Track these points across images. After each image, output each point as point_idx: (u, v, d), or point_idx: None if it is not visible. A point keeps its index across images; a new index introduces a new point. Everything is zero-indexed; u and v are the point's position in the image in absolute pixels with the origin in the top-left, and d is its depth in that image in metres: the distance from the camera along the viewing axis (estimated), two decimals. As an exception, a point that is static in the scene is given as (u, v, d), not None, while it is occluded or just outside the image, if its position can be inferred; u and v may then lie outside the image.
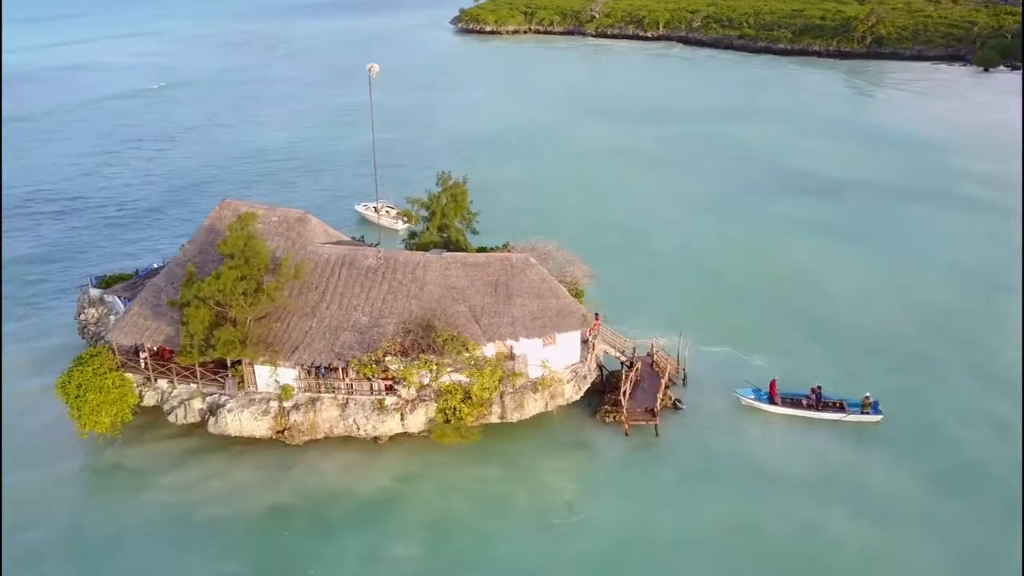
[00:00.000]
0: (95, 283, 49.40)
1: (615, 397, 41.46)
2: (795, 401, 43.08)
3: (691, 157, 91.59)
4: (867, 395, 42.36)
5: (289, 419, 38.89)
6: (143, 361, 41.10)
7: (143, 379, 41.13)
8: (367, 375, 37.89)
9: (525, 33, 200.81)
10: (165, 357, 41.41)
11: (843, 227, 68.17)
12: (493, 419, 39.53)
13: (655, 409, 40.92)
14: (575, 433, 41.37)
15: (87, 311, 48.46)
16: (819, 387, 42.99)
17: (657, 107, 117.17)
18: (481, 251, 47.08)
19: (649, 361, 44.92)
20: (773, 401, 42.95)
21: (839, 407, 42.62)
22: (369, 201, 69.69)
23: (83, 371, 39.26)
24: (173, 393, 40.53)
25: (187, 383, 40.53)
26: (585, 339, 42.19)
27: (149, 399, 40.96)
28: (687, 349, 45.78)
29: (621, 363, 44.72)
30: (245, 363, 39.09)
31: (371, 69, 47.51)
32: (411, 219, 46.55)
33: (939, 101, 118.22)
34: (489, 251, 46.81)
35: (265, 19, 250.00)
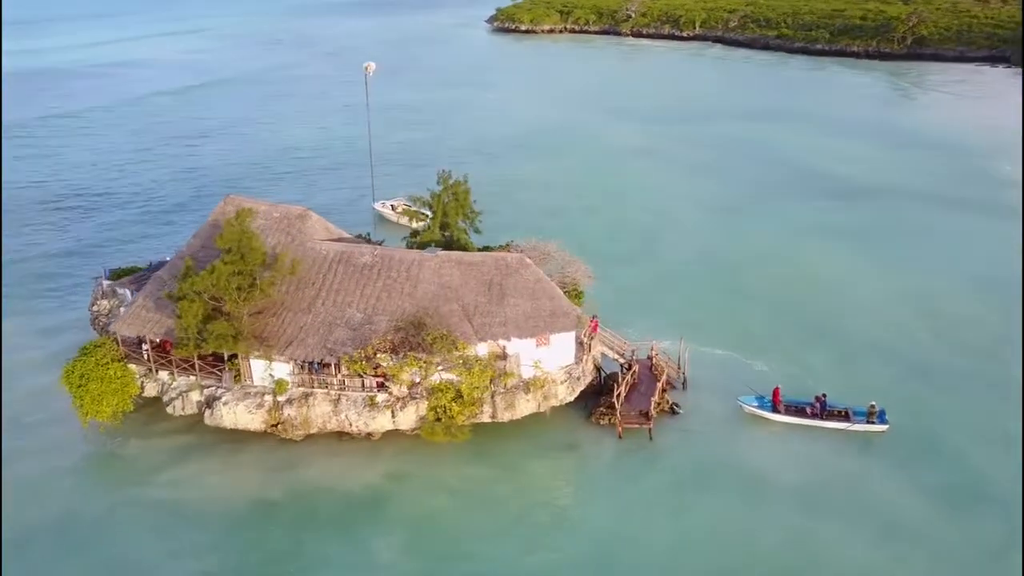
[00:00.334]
0: (108, 275, 50.50)
1: (610, 399, 41.14)
2: (799, 409, 42.22)
3: (717, 159, 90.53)
4: (872, 404, 41.38)
5: (283, 413, 39.33)
6: (145, 353, 41.94)
7: (145, 370, 41.97)
8: (357, 372, 38.14)
9: (560, 32, 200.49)
10: (167, 349, 42.14)
11: (866, 232, 66.73)
12: (484, 418, 39.51)
13: (649, 412, 40.51)
14: (568, 434, 41.15)
15: (99, 303, 49.49)
16: (824, 395, 42.07)
17: (687, 108, 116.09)
18: (485, 250, 47.13)
19: (648, 364, 44.50)
20: (776, 409, 42.21)
21: (844, 416, 41.64)
22: (387, 199, 70.19)
23: (86, 361, 40.16)
24: (173, 385, 41.27)
25: (187, 375, 41.24)
26: (581, 341, 41.92)
27: (150, 390, 41.74)
28: (686, 352, 45.21)
29: (620, 365, 44.44)
30: (241, 357, 39.67)
31: (367, 68, 47.72)
32: (412, 217, 46.66)
33: (979, 104, 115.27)
34: (493, 250, 46.78)
35: (306, 17, 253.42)
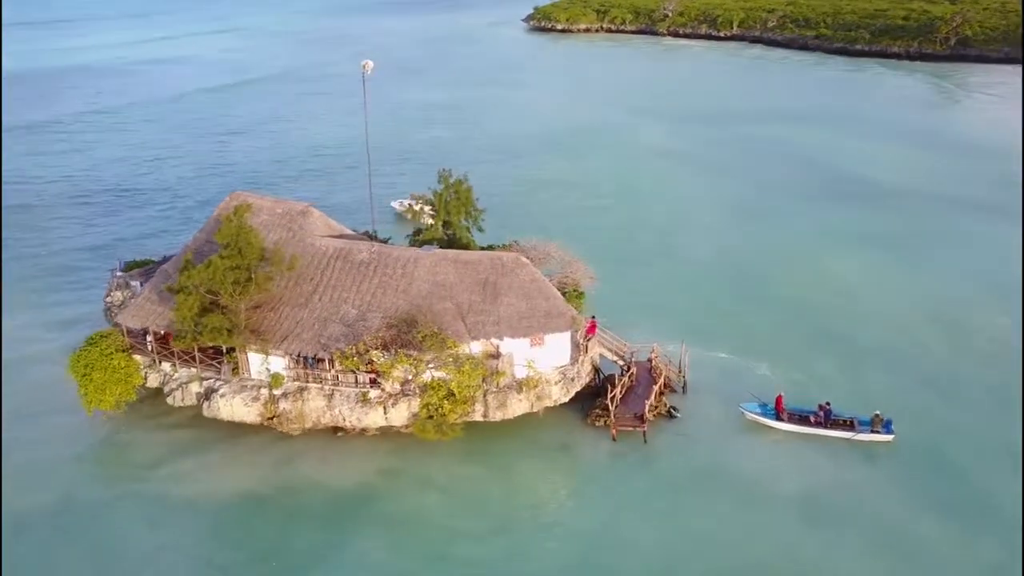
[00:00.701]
0: (122, 268, 51.62)
1: (605, 401, 40.82)
2: (802, 417, 41.24)
3: (743, 160, 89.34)
4: (878, 413, 40.34)
5: (278, 407, 39.77)
6: (149, 344, 42.75)
7: (149, 361, 42.80)
8: (349, 367, 38.40)
9: (597, 32, 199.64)
10: (169, 341, 42.87)
11: (887, 237, 65.19)
12: (476, 417, 39.48)
13: (644, 415, 40.08)
14: (562, 435, 40.87)
15: (113, 294, 50.62)
16: (828, 404, 41.02)
17: (718, 108, 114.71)
18: (490, 249, 47.12)
19: (648, 366, 44.05)
20: (779, 417, 41.37)
21: (849, 425, 40.58)
22: (404, 198, 70.54)
23: (91, 351, 41.07)
24: (174, 376, 42.03)
25: (188, 367, 41.95)
26: (578, 342, 41.65)
27: (153, 381, 42.54)
28: (687, 355, 44.65)
29: (620, 367, 44.07)
30: (239, 350, 40.21)
31: (365, 66, 47.88)
32: (414, 216, 46.85)
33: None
34: (496, 249, 46.76)
35: (344, 16, 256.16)
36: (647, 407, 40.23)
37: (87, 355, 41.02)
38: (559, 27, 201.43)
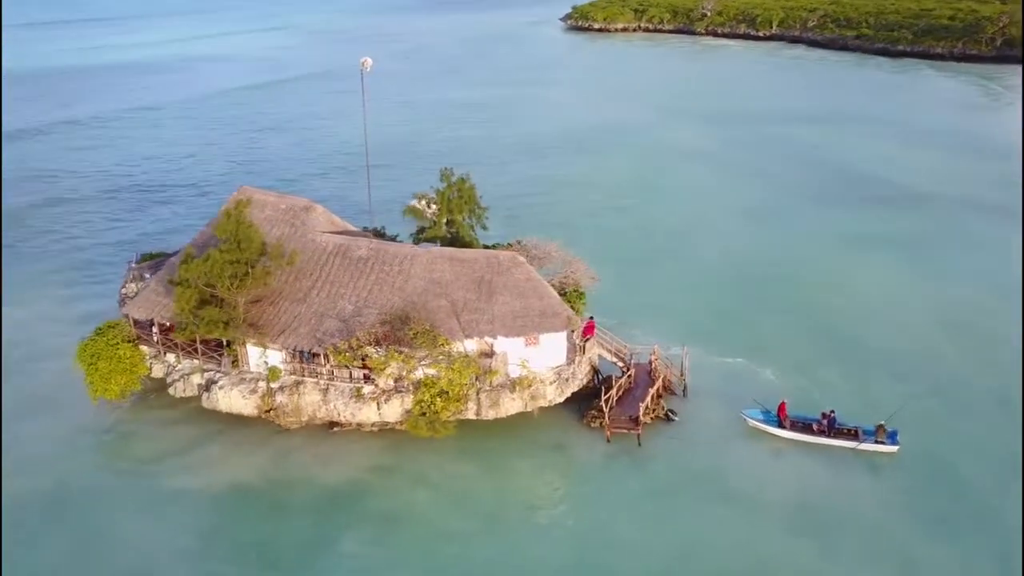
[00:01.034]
0: (138, 260, 52.74)
1: (600, 402, 40.55)
2: (805, 425, 40.29)
3: (768, 162, 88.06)
4: (882, 423, 39.33)
5: (275, 400, 40.29)
6: (154, 335, 43.63)
7: (155, 352, 43.69)
8: (341, 362, 38.72)
9: (634, 31, 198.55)
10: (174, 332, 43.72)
11: (909, 242, 63.68)
12: (469, 415, 39.52)
13: (638, 417, 39.73)
14: (557, 436, 40.62)
15: (128, 286, 51.71)
16: (832, 412, 40.03)
17: (751, 109, 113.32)
18: (492, 247, 47.11)
19: (648, 368, 43.65)
20: (781, 424, 40.58)
21: (853, 434, 39.56)
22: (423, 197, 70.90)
23: (97, 341, 42.07)
24: (177, 367, 42.85)
25: (191, 359, 42.72)
26: (574, 342, 41.44)
27: (157, 371, 43.35)
28: (687, 358, 44.14)
29: (621, 369, 43.76)
30: (238, 343, 40.84)
31: (364, 63, 48.09)
32: (417, 215, 47.06)
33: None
34: (500, 248, 46.73)
35: (384, 14, 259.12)
36: (641, 410, 39.82)
37: (94, 345, 41.98)
38: (596, 26, 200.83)
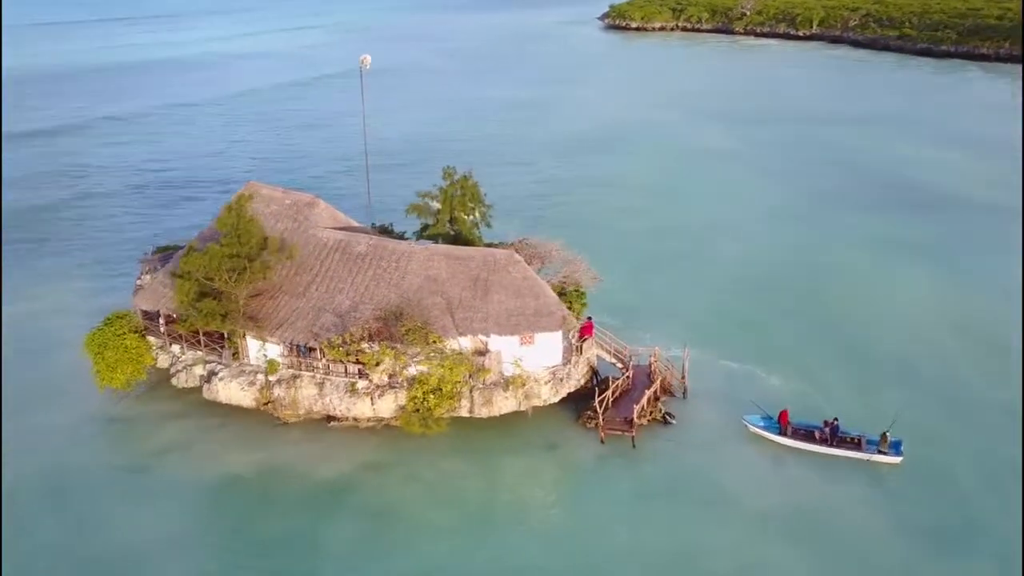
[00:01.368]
0: (153, 253, 53.80)
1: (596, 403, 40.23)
2: (807, 433, 39.39)
3: (797, 164, 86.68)
4: (886, 433, 38.23)
5: (273, 393, 40.75)
6: (161, 326, 44.45)
7: (161, 343, 44.51)
8: (335, 357, 38.99)
9: (672, 30, 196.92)
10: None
11: (934, 249, 62.10)
12: (462, 413, 39.51)
13: (632, 419, 39.32)
14: (552, 436, 40.37)
15: (143, 278, 52.82)
16: (835, 420, 39.01)
17: (784, 110, 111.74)
18: (496, 246, 47.01)
19: (647, 370, 43.20)
20: (783, 431, 39.81)
21: (855, 444, 38.54)
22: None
23: (105, 331, 42.99)
24: (181, 358, 43.59)
25: (195, 350, 43.43)
26: (570, 342, 41.18)
27: (163, 362, 44.16)
28: (688, 360, 43.57)
29: (621, 370, 43.37)
30: (239, 336, 41.41)
31: (363, 61, 48.17)
32: (420, 212, 47.15)
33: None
34: (503, 246, 46.62)
35: (423, 12, 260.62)
36: (636, 411, 39.40)
37: (101, 335, 42.88)
38: (634, 25, 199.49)
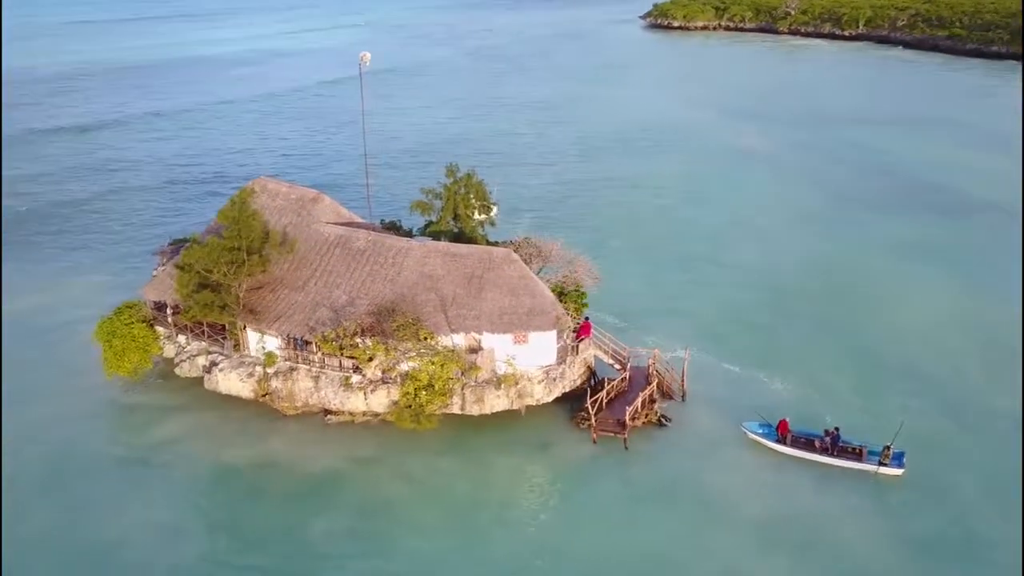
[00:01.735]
0: (169, 244, 54.94)
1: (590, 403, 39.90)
2: (808, 442, 38.56)
3: (824, 166, 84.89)
4: (888, 445, 37.16)
5: (270, 385, 41.29)
6: (169, 316, 45.36)
7: (168, 333, 45.42)
8: (328, 351, 39.32)
9: (714, 29, 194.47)
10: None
11: (954, 254, 60.31)
12: (454, 410, 39.54)
13: (624, 421, 38.90)
14: (544, 435, 40.12)
15: (159, 269, 54.03)
16: (837, 429, 38.09)
17: (822, 111, 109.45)
18: (501, 245, 46.95)
19: (646, 372, 42.70)
20: (782, 439, 39.01)
21: (857, 454, 37.58)
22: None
23: (114, 320, 44.04)
24: (186, 348, 44.42)
25: (200, 340, 44.22)
26: (564, 342, 40.90)
27: (170, 352, 45.06)
28: (687, 363, 42.95)
29: (618, 371, 42.95)
30: (239, 328, 42.03)
31: (363, 58, 48.30)
32: (423, 209, 47.27)
33: None
34: (505, 245, 46.53)
35: (466, 10, 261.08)
36: (628, 413, 38.97)
37: (111, 324, 43.88)
38: (676, 24, 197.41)
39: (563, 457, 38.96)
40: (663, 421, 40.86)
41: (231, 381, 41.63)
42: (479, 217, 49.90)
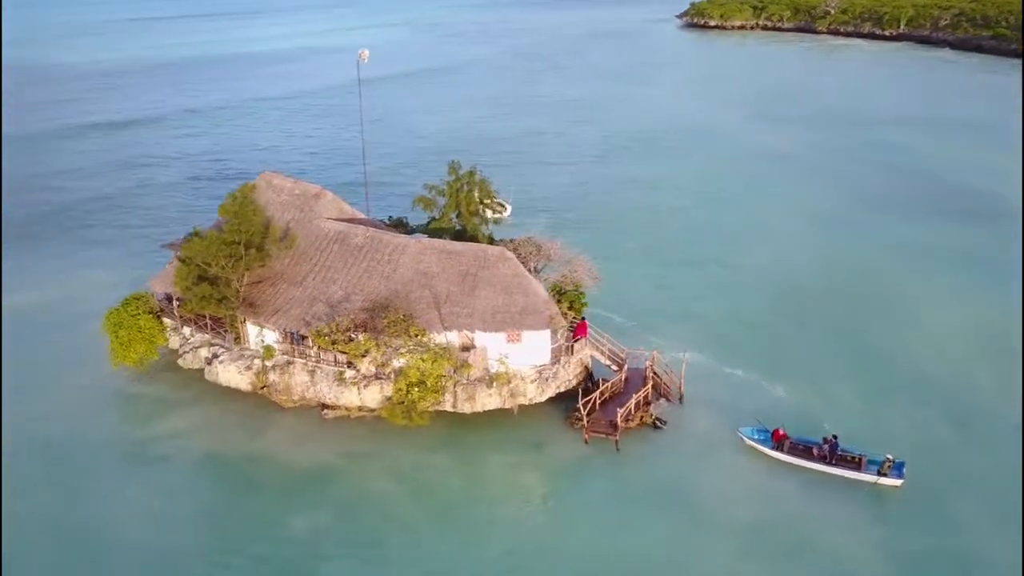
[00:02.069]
0: (182, 238, 55.83)
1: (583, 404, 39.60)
2: (805, 449, 37.77)
3: (852, 168, 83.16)
4: (888, 456, 36.17)
5: (268, 378, 41.73)
6: (174, 308, 46.11)
7: (174, 325, 46.19)
8: (322, 346, 39.58)
9: (752, 29, 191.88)
10: (188, 307, 45.88)
11: (975, 260, 58.67)
12: (446, 407, 39.55)
13: (616, 422, 38.53)
14: (537, 435, 39.91)
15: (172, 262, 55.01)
16: (835, 437, 37.31)
17: (854, 113, 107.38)
18: (504, 243, 46.85)
19: (644, 374, 42.25)
20: (779, 446, 38.27)
21: (856, 463, 36.67)
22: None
23: (121, 312, 44.91)
24: (189, 340, 45.13)
25: (203, 333, 44.88)
26: (561, 342, 40.63)
27: (175, 343, 45.85)
28: (685, 365, 42.38)
29: (615, 372, 42.59)
30: (239, 321, 42.55)
31: (361, 55, 48.42)
32: (426, 206, 47.35)
33: None
34: (507, 244, 46.41)
35: (503, 9, 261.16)
36: (620, 415, 38.59)
37: (118, 314, 44.74)
38: (712, 24, 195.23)
39: (554, 457, 38.73)
40: (658, 423, 40.38)
41: (230, 373, 42.15)
42: (491, 216, 49.89)
